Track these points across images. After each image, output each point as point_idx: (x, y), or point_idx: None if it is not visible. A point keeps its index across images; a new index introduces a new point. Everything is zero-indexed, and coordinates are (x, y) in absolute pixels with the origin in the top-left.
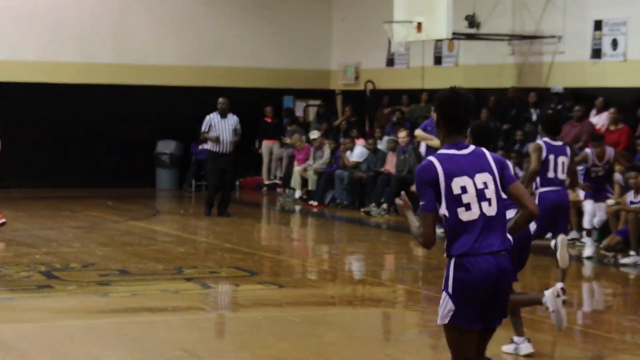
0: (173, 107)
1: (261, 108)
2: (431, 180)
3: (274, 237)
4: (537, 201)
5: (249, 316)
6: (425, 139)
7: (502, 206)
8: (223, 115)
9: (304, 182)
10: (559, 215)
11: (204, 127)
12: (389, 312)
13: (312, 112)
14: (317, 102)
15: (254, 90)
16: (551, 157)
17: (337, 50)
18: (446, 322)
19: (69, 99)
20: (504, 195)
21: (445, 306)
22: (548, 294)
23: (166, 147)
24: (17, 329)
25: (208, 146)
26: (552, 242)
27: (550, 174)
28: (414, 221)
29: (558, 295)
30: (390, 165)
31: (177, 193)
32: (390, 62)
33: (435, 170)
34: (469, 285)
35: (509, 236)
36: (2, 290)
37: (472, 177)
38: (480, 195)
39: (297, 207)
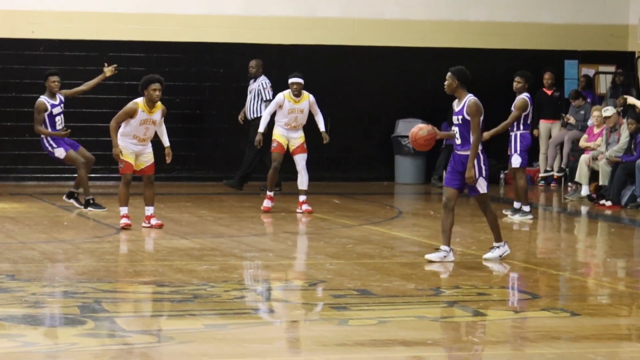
0: (416, 76)
1: (536, 75)
2: None
3: (556, 248)
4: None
5: (536, 353)
6: None
7: None
8: None
9: (594, 175)
10: None
11: None
12: None
13: (603, 82)
14: (611, 68)
15: (521, 53)
16: None
17: None
18: None
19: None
20: None
21: None
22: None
23: (409, 128)
24: None
25: None
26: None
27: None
28: None
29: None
30: None
31: (422, 189)
32: None
33: None
34: None
35: None
36: (211, 315)
37: None
38: None
39: (584, 209)
